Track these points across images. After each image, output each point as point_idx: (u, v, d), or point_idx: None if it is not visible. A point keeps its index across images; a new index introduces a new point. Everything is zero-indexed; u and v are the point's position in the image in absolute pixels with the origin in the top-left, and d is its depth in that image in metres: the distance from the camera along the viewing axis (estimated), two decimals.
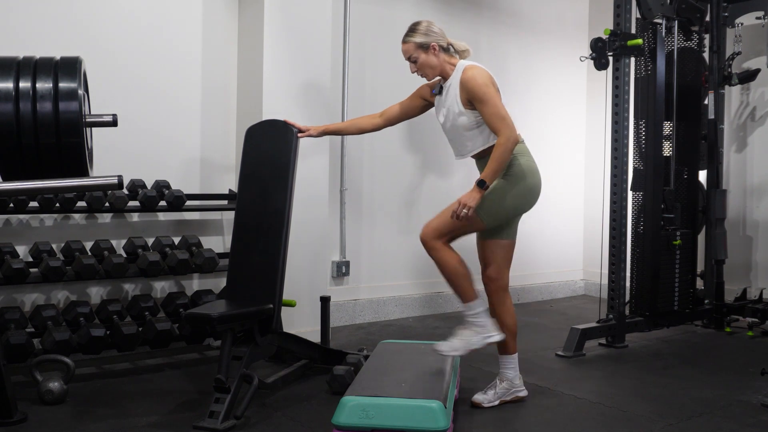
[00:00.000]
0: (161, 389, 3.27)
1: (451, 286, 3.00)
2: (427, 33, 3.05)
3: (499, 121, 2.90)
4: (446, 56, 3.08)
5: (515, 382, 3.16)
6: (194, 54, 4.14)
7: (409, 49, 3.07)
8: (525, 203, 3.10)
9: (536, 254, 6.00)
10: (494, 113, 2.91)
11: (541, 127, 6.01)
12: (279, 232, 3.23)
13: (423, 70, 3.08)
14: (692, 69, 4.69)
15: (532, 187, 3.09)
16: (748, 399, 3.25)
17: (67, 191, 3.26)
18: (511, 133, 2.90)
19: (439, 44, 3.05)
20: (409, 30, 3.09)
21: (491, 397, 3.11)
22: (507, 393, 3.13)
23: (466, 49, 3.13)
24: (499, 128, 2.90)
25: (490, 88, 2.94)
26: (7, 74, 2.44)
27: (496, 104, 2.92)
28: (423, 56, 3.05)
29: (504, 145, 2.89)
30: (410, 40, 3.06)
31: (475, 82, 2.94)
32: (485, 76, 2.97)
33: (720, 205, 4.77)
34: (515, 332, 3.14)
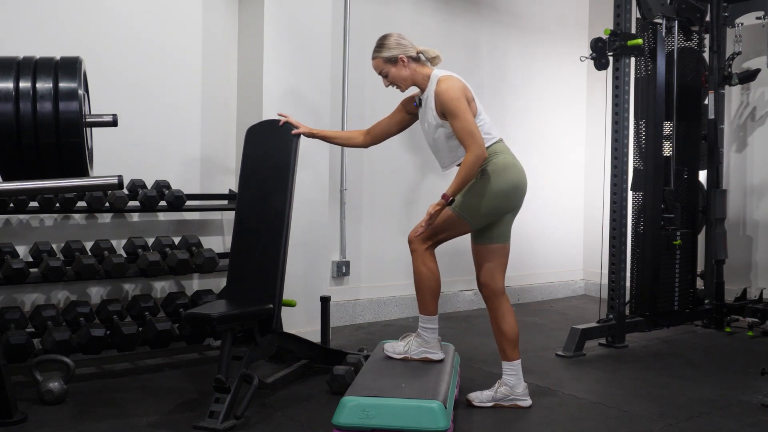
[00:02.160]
0: (161, 389, 3.27)
1: (417, 292, 3.06)
2: (394, 46, 3.04)
3: (467, 137, 2.89)
4: (417, 66, 3.06)
5: (516, 390, 3.09)
6: (194, 54, 4.13)
7: (378, 65, 3.08)
8: (507, 201, 3.05)
9: (536, 254, 6.01)
10: (463, 128, 2.90)
11: (541, 127, 6.02)
12: (279, 232, 3.23)
13: (396, 83, 3.08)
14: (692, 69, 4.69)
15: (513, 184, 3.05)
16: (748, 399, 3.25)
17: (67, 191, 3.26)
18: (478, 150, 2.88)
19: (407, 55, 3.03)
20: (376, 46, 3.09)
21: (484, 398, 3.09)
22: (505, 398, 3.09)
23: (437, 55, 3.11)
24: (468, 145, 2.89)
25: (461, 102, 2.91)
26: (7, 74, 2.44)
27: (466, 119, 2.90)
28: (393, 70, 3.05)
29: (471, 162, 2.88)
30: (378, 56, 3.07)
31: (447, 95, 2.92)
32: (457, 88, 2.94)
33: (720, 205, 4.77)
34: (513, 339, 3.08)
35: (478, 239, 3.10)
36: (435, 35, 5.30)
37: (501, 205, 3.03)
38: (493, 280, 3.08)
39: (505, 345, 3.08)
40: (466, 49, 5.51)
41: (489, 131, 3.04)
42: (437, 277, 3.04)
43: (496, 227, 3.06)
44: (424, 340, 3.03)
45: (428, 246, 3.02)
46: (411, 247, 3.05)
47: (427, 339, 3.03)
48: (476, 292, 5.49)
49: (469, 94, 2.99)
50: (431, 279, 3.02)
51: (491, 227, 3.06)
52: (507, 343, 3.08)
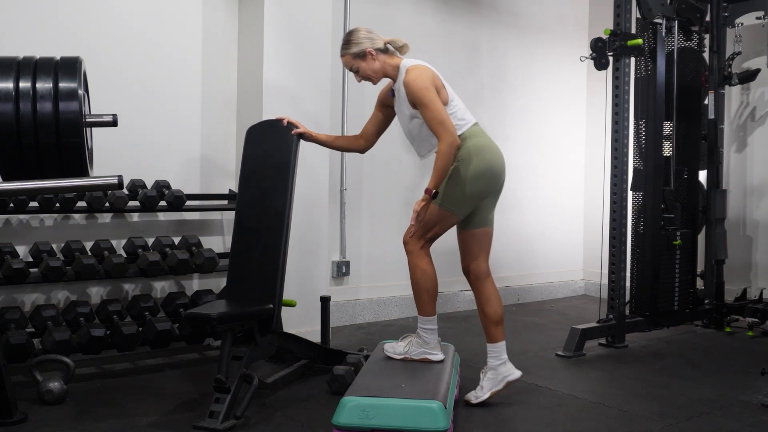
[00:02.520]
0: (161, 389, 3.27)
1: (414, 294, 3.06)
2: (360, 41, 3.05)
3: (438, 125, 2.89)
4: (386, 57, 3.07)
5: (501, 370, 3.08)
6: (194, 54, 4.13)
7: (347, 61, 3.10)
8: (487, 184, 3.03)
9: (536, 254, 6.01)
10: (433, 117, 2.90)
11: (541, 127, 6.02)
12: (279, 232, 3.23)
13: (367, 77, 3.10)
14: (692, 69, 4.69)
15: (488, 166, 3.01)
16: (748, 399, 3.25)
17: (67, 191, 3.26)
18: (450, 138, 2.88)
19: (375, 48, 3.04)
20: (343, 43, 3.10)
21: (479, 392, 3.09)
22: (496, 382, 3.08)
23: (405, 44, 3.11)
24: (439, 133, 2.89)
25: (429, 92, 2.91)
26: (7, 74, 2.44)
27: (436, 108, 2.90)
28: (363, 64, 3.06)
29: (445, 151, 2.88)
30: (346, 53, 3.08)
31: (415, 85, 2.92)
32: (425, 77, 2.93)
33: (720, 205, 4.77)
34: (497, 320, 3.08)
35: (460, 226, 3.10)
36: (435, 35, 5.30)
37: (482, 189, 3.02)
38: (477, 265, 3.09)
39: (490, 326, 3.09)
40: (466, 49, 5.51)
41: (462, 117, 3.03)
42: (434, 277, 3.04)
43: (477, 213, 3.07)
44: (424, 341, 3.03)
45: (423, 245, 3.03)
46: (406, 248, 3.05)
47: (427, 339, 3.03)
48: None
49: (439, 82, 2.99)
50: (428, 280, 3.02)
51: (473, 213, 3.06)
52: (491, 324, 3.08)
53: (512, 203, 5.76)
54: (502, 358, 3.09)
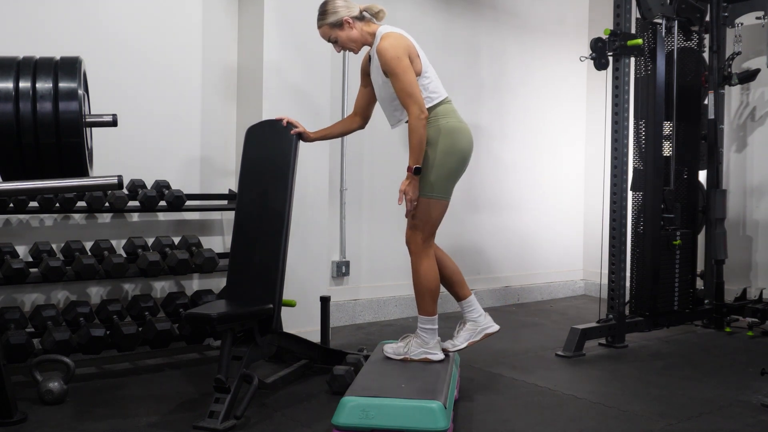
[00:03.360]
0: (161, 389, 3.27)
1: (416, 293, 3.06)
2: (336, 10, 3.04)
3: (406, 97, 2.88)
4: (363, 24, 3.06)
5: (480, 321, 3.15)
6: (194, 54, 4.14)
7: (325, 32, 3.08)
8: (459, 163, 3.03)
9: (536, 254, 6.01)
10: (402, 89, 2.88)
11: (540, 127, 6.02)
12: (279, 232, 3.23)
13: (347, 46, 3.08)
14: (692, 69, 4.69)
15: (461, 148, 3.01)
16: (748, 399, 3.25)
17: (67, 191, 3.26)
18: (418, 111, 2.87)
19: (351, 16, 3.03)
20: (319, 15, 3.09)
21: (456, 341, 3.12)
22: (474, 333, 3.14)
23: (381, 9, 3.10)
24: (407, 105, 2.88)
25: (401, 61, 2.88)
26: (7, 74, 2.44)
27: (405, 80, 2.87)
28: (341, 33, 3.05)
29: (414, 125, 2.88)
30: (323, 23, 3.07)
31: (388, 54, 2.89)
32: (398, 46, 2.90)
33: (720, 205, 4.77)
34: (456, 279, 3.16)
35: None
36: (435, 35, 5.30)
37: (457, 167, 3.02)
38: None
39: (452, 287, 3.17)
40: (466, 49, 5.51)
41: (435, 89, 3.01)
42: (437, 277, 3.04)
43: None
44: (424, 341, 3.03)
45: (425, 241, 3.02)
46: (410, 249, 3.05)
47: (427, 339, 3.03)
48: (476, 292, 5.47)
49: (413, 51, 2.97)
50: (431, 280, 3.02)
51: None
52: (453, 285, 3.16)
53: (512, 203, 5.77)
54: (480, 311, 3.17)
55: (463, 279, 3.17)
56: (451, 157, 2.99)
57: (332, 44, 3.12)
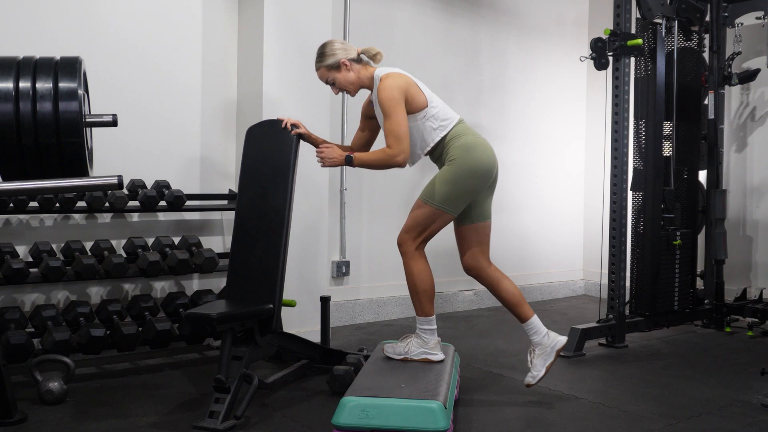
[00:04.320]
0: (161, 389, 3.27)
1: (411, 295, 3.06)
2: (334, 53, 3.07)
3: (392, 138, 2.91)
4: (361, 67, 3.10)
5: (545, 341, 3.11)
6: (194, 54, 4.14)
7: (323, 74, 3.12)
8: (478, 181, 3.03)
9: (536, 254, 6.01)
10: (391, 129, 2.91)
11: (541, 127, 6.02)
12: (279, 232, 3.23)
13: (344, 88, 3.11)
14: (692, 69, 4.69)
15: (479, 163, 3.01)
16: (748, 399, 3.25)
17: (67, 191, 3.26)
18: (398, 154, 2.90)
19: (349, 58, 3.07)
20: (317, 56, 3.13)
21: (534, 371, 3.10)
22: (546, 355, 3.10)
23: (378, 52, 3.13)
24: (390, 144, 2.92)
25: (396, 103, 2.91)
26: (7, 74, 2.44)
27: (397, 121, 2.90)
28: (338, 75, 3.08)
29: (383, 158, 2.93)
30: (320, 65, 3.11)
31: (383, 94, 2.93)
32: (394, 87, 2.93)
33: (720, 205, 4.77)
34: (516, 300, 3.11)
35: (458, 222, 3.11)
36: (435, 35, 5.31)
37: (474, 186, 3.02)
38: (476, 259, 3.11)
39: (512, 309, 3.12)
40: (466, 50, 5.51)
41: (445, 117, 3.04)
42: (430, 277, 3.05)
43: (474, 207, 3.08)
44: (424, 341, 3.04)
45: (418, 246, 3.03)
46: (401, 250, 3.06)
47: (427, 340, 3.03)
48: (476, 292, 5.49)
49: (412, 89, 2.99)
50: (424, 280, 3.02)
51: (469, 208, 3.07)
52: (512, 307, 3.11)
53: (512, 203, 5.77)
54: (543, 331, 3.12)
55: (523, 300, 3.12)
56: (470, 175, 2.99)
57: (330, 86, 3.15)
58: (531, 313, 3.13)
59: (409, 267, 3.04)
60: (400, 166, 2.97)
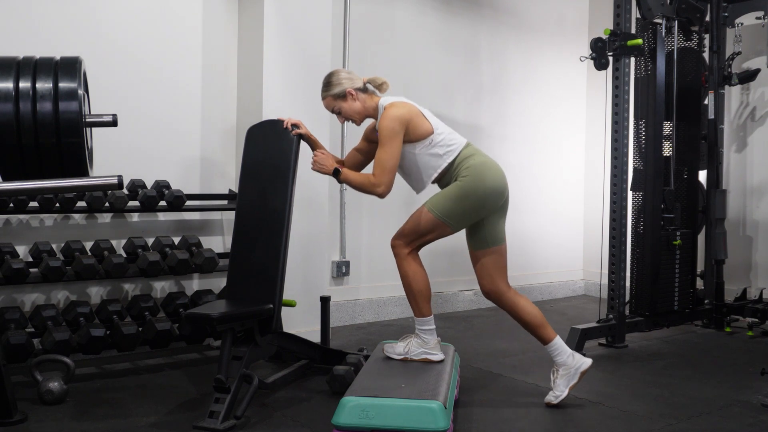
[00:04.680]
0: (161, 389, 3.27)
1: (407, 296, 3.06)
2: (339, 82, 3.08)
3: (380, 168, 2.92)
4: (366, 97, 3.10)
5: (570, 362, 3.08)
6: (194, 54, 4.14)
7: (329, 103, 3.12)
8: (486, 203, 3.00)
9: (536, 254, 6.01)
10: (381, 159, 2.92)
11: (540, 127, 6.02)
12: (279, 232, 3.23)
13: (350, 117, 3.11)
14: (692, 69, 4.69)
15: (490, 186, 3.00)
16: (748, 399, 3.25)
17: (67, 191, 3.26)
18: (379, 185, 2.92)
19: (354, 87, 3.07)
20: (323, 86, 3.13)
21: (557, 391, 3.08)
22: (570, 376, 3.08)
23: (384, 81, 3.14)
24: (376, 174, 2.93)
25: (394, 134, 2.91)
26: (7, 74, 2.44)
27: (390, 152, 2.91)
28: (344, 105, 3.08)
29: (369, 183, 2.95)
30: (327, 94, 3.11)
31: (383, 123, 2.94)
32: (395, 117, 2.93)
33: (720, 205, 4.77)
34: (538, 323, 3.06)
35: (473, 246, 3.09)
36: (435, 35, 5.31)
37: (481, 206, 3.01)
38: (495, 284, 3.07)
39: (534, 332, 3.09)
40: (466, 50, 5.51)
41: (452, 141, 3.03)
42: (425, 278, 3.05)
43: (489, 232, 3.05)
44: (423, 341, 3.04)
45: (411, 250, 3.04)
46: (394, 252, 3.07)
47: (426, 340, 3.03)
48: (476, 292, 5.49)
49: (416, 120, 2.97)
50: (419, 281, 3.02)
51: (483, 232, 3.05)
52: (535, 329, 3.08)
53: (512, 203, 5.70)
54: (567, 351, 3.10)
55: (545, 322, 3.09)
56: (479, 195, 2.97)
57: (336, 115, 3.15)
58: (554, 335, 3.09)
59: (403, 269, 3.04)
60: (379, 197, 2.98)
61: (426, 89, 5.24)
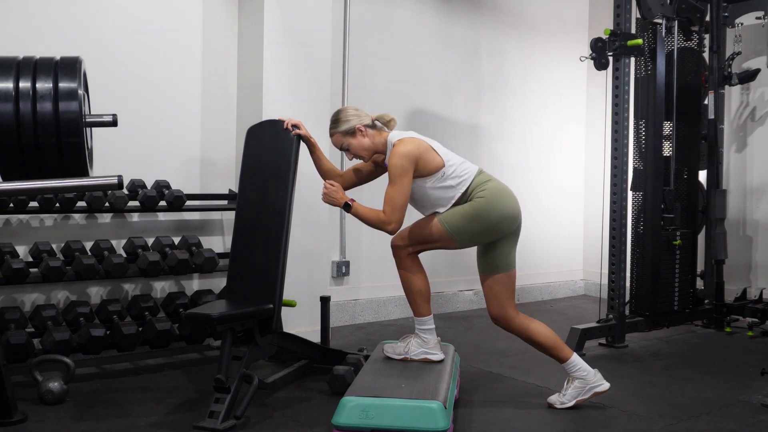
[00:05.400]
0: (161, 389, 3.27)
1: (407, 297, 3.07)
2: (348, 119, 3.07)
3: (389, 207, 2.92)
4: (375, 133, 3.09)
5: (589, 379, 3.07)
6: (194, 54, 4.14)
7: (338, 140, 3.10)
8: (497, 228, 2.98)
9: (536, 254, 6.01)
10: (392, 197, 2.91)
11: (540, 127, 6.02)
12: (279, 232, 3.23)
13: (359, 153, 3.10)
14: (692, 69, 4.69)
15: (504, 213, 2.98)
16: (748, 399, 3.25)
17: (67, 191, 3.26)
18: (390, 223, 2.91)
19: (363, 124, 3.06)
20: (332, 122, 3.12)
21: (563, 398, 3.08)
22: (583, 391, 3.06)
23: (393, 119, 3.14)
24: (385, 211, 2.92)
25: (404, 171, 2.90)
26: (7, 74, 2.44)
27: (400, 190, 2.91)
28: (353, 141, 3.07)
29: (379, 220, 2.94)
30: (335, 131, 3.10)
31: (392, 161, 2.93)
32: (404, 154, 2.91)
33: (720, 205, 4.77)
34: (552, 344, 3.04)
35: (484, 270, 3.08)
36: (435, 35, 5.31)
37: (491, 230, 2.98)
38: (504, 310, 3.06)
39: (550, 352, 3.08)
40: (466, 50, 5.51)
41: (463, 172, 3.00)
42: (424, 278, 3.05)
43: (499, 257, 3.03)
44: (423, 341, 3.04)
45: (411, 252, 3.04)
46: (394, 253, 3.08)
47: (426, 339, 3.04)
48: (476, 292, 5.49)
49: (426, 155, 2.94)
50: (418, 281, 3.03)
51: (494, 257, 3.03)
52: (550, 350, 3.07)
53: None
54: (586, 368, 3.07)
55: (559, 341, 3.08)
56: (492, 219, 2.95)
57: (344, 152, 3.13)
58: (570, 353, 3.07)
59: (402, 269, 3.05)
60: (389, 234, 2.98)
61: (426, 89, 5.24)
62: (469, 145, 5.44)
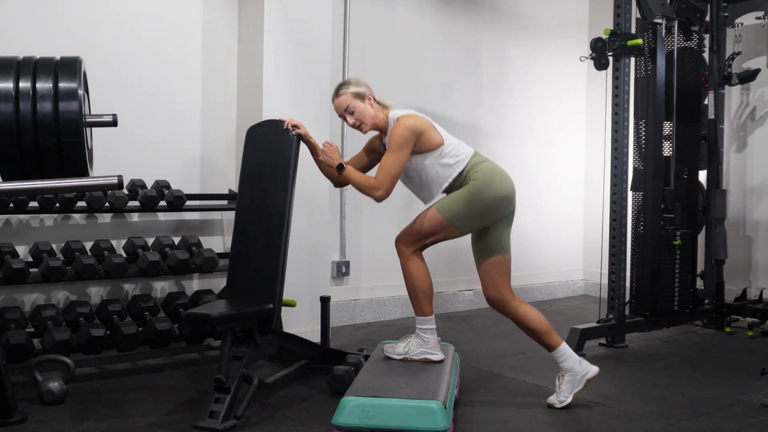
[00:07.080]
0: (161, 389, 3.27)
1: (409, 295, 3.07)
2: (359, 84, 3.10)
3: (383, 174, 2.93)
4: (379, 107, 3.11)
5: (577, 369, 3.08)
6: (194, 54, 4.14)
7: (346, 100, 3.08)
8: (495, 208, 3.01)
9: (536, 254, 6.01)
10: (386, 166, 2.93)
11: (541, 127, 6.02)
12: (279, 232, 3.23)
13: (361, 119, 3.08)
14: (692, 69, 4.69)
15: (500, 192, 3.00)
16: (748, 399, 3.25)
17: (67, 191, 3.26)
18: (379, 189, 2.92)
19: (372, 95, 3.09)
20: (342, 84, 3.13)
21: (561, 396, 3.08)
22: (576, 383, 3.07)
23: (392, 104, 3.16)
24: (377, 177, 2.93)
25: (401, 144, 2.91)
26: (7, 74, 2.44)
27: (397, 160, 2.92)
28: (360, 105, 3.07)
29: (370, 185, 2.95)
30: (345, 92, 3.09)
31: (395, 131, 2.94)
32: (409, 126, 2.93)
33: (720, 205, 4.77)
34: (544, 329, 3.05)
35: (479, 254, 3.09)
36: (435, 35, 5.31)
37: (489, 211, 3.01)
38: (500, 292, 3.07)
39: (541, 339, 3.09)
40: (466, 50, 5.51)
41: (459, 152, 3.03)
42: (428, 277, 3.05)
43: (493, 240, 3.05)
44: (424, 341, 3.04)
45: (415, 249, 3.04)
46: (398, 250, 3.07)
47: (426, 339, 3.04)
48: (476, 292, 5.49)
49: (429, 132, 2.98)
50: (422, 280, 3.03)
51: (489, 240, 3.05)
52: (541, 336, 3.08)
53: None
54: (573, 357, 3.09)
55: (550, 328, 3.08)
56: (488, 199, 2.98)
57: (347, 116, 3.10)
58: (560, 341, 3.09)
59: (406, 267, 3.04)
60: (376, 200, 2.98)
61: (426, 89, 5.24)
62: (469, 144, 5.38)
